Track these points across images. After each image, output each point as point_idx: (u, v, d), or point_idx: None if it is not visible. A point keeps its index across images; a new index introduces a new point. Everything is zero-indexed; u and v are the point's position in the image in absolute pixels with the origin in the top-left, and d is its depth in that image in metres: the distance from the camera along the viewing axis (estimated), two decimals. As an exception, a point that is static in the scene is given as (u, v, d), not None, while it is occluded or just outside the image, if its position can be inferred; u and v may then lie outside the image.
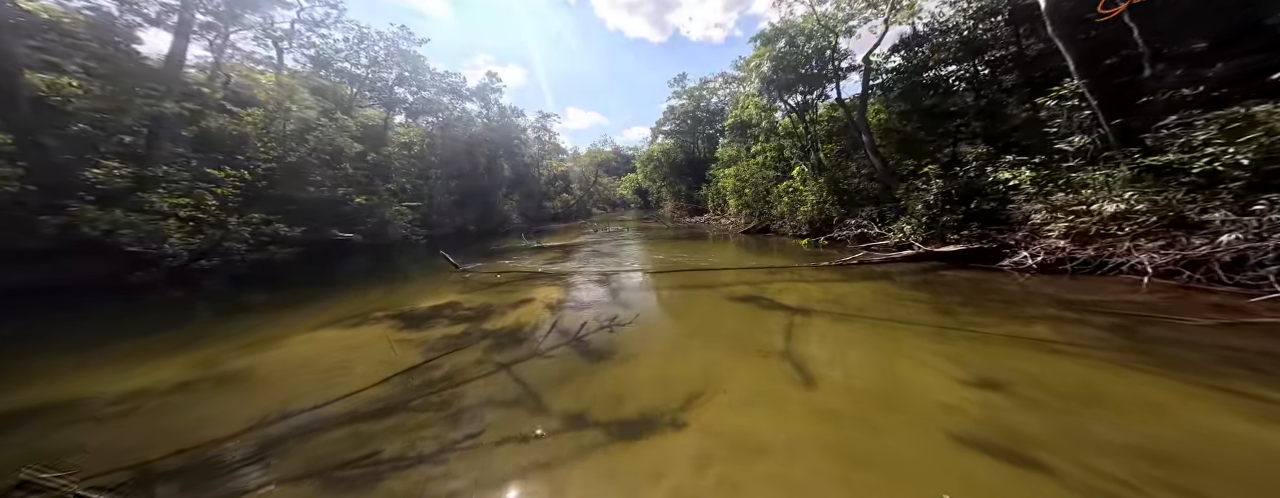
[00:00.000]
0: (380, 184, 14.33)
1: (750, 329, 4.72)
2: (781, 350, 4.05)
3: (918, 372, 3.39)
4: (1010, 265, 6.24)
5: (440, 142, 19.77)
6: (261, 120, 8.86)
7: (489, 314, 5.66)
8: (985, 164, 7.86)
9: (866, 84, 13.25)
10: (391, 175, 15.19)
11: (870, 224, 10.27)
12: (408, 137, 18.47)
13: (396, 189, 15.01)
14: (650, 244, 14.63)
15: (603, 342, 4.44)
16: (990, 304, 4.86)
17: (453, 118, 21.43)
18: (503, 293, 6.95)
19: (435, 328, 5.11)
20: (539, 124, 34.44)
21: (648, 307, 5.78)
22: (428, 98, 19.39)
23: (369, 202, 12.15)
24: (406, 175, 16.46)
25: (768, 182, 17.41)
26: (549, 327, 4.62)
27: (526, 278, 8.18)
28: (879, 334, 4.24)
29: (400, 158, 16.39)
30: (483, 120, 25.06)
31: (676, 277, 7.73)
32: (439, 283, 8.02)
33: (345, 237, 10.96)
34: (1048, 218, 6.19)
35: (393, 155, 15.65)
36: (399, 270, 10.18)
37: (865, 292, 5.93)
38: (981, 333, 3.99)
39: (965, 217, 7.56)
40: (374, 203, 12.42)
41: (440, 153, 19.69)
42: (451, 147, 20.74)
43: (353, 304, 6.31)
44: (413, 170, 16.95)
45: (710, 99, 34.16)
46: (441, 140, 19.89)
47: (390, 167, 15.04)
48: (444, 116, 20.85)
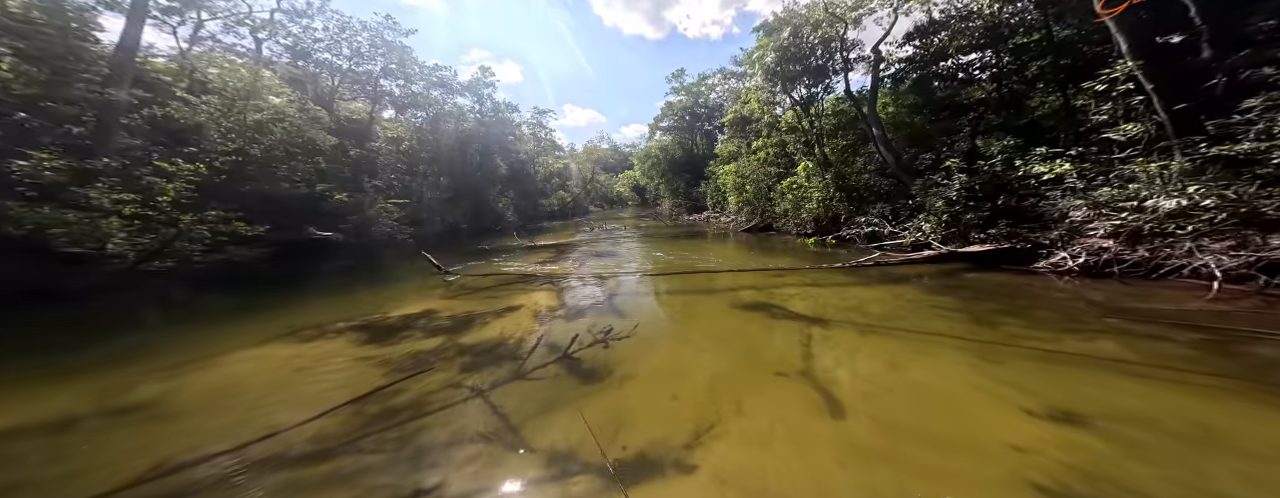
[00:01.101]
0: (366, 181, 13.60)
1: (762, 343, 4.12)
2: (801, 370, 3.46)
3: (972, 400, 2.79)
4: (1046, 267, 5.67)
5: (430, 137, 18.98)
6: (218, 109, 8.07)
7: (469, 325, 5.03)
8: (1012, 157, 7.25)
9: (876, 75, 12.63)
10: (378, 172, 14.43)
11: (881, 223, 9.67)
12: (396, 132, 17.66)
13: (383, 186, 14.27)
14: (648, 243, 14.00)
15: (596, 359, 3.83)
16: (1038, 313, 4.27)
17: (443, 113, 20.61)
18: (488, 299, 6.31)
19: (404, 342, 4.47)
20: (535, 120, 33.64)
21: (646, 315, 5.17)
22: (416, 92, 18.57)
23: (351, 199, 11.42)
24: (394, 172, 15.70)
25: (769, 178, 16.81)
26: (536, 341, 4.02)
27: (515, 281, 7.53)
28: (914, 350, 3.64)
29: (388, 154, 15.62)
30: (475, 116, 24.24)
31: (677, 279, 7.11)
32: (418, 287, 7.36)
33: (324, 236, 10.25)
34: (1090, 215, 5.59)
35: (380, 151, 14.87)
36: (378, 272, 9.48)
37: (887, 298, 5.33)
38: (1038, 350, 3.40)
39: (991, 214, 6.96)
40: (356, 200, 11.70)
41: (431, 149, 18.90)
42: (442, 142, 19.96)
43: (316, 312, 5.65)
44: (401, 167, 16.18)
45: (708, 95, 33.58)
46: (432, 136, 19.09)
47: (376, 162, 14.28)
48: (434, 111, 20.03)
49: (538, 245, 13.74)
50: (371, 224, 12.33)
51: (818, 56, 14.58)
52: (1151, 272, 4.83)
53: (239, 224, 7.35)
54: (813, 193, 12.86)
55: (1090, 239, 5.50)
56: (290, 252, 9.66)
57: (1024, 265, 5.96)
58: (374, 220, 12.43)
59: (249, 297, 6.82)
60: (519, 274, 8.06)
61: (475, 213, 21.00)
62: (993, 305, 4.63)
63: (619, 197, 52.73)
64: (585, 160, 49.03)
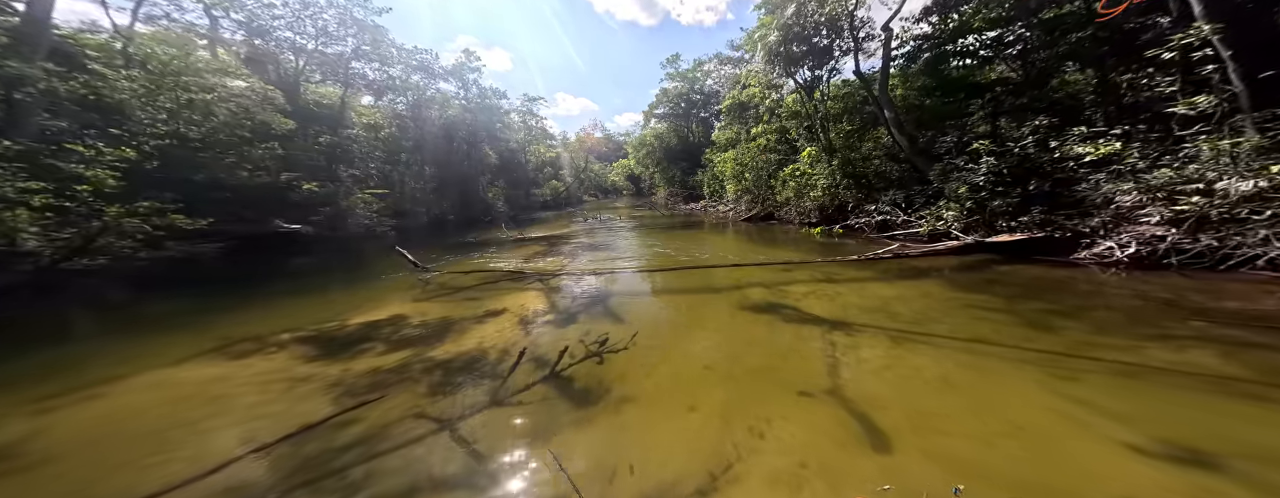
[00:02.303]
0: (341, 170, 12.58)
1: (778, 353, 3.52)
2: (828, 388, 2.87)
3: (1053, 431, 2.23)
4: (1089, 258, 5.10)
5: (412, 124, 17.70)
6: (144, 86, 6.96)
7: (443, 334, 4.35)
8: (1046, 138, 6.59)
9: (887, 55, 11.77)
10: (354, 160, 13.35)
11: (894, 211, 9.06)
12: (374, 118, 16.37)
13: (361, 175, 13.25)
14: (645, 234, 13.29)
15: (589, 377, 3.21)
16: (1099, 315, 3.71)
17: (425, 99, 19.25)
18: (468, 301, 5.61)
19: (362, 357, 3.79)
20: (525, 108, 32.17)
21: (645, 320, 4.53)
22: (394, 76, 17.19)
23: (322, 189, 10.47)
24: (373, 161, 14.61)
25: (770, 166, 16.09)
26: (519, 354, 3.40)
27: (501, 279, 6.81)
28: (962, 363, 3.06)
29: (365, 141, 14.48)
30: (460, 102, 22.85)
31: (677, 276, 6.46)
32: (389, 287, 6.60)
33: (292, 229, 9.37)
34: (1143, 200, 5.00)
35: (355, 138, 13.74)
36: (349, 270, 8.67)
37: (913, 296, 4.74)
38: (1118, 363, 2.83)
39: (1022, 200, 6.35)
40: (328, 191, 10.75)
41: (413, 136, 17.68)
42: (426, 130, 18.72)
43: (265, 318, 4.92)
44: (380, 155, 15.07)
45: (705, 81, 32.45)
46: (413, 123, 17.81)
47: (351, 150, 13.19)
48: (415, 97, 18.66)
49: (527, 238, 12.95)
50: (347, 216, 11.42)
51: (823, 36, 13.62)
52: (1218, 263, 4.28)
53: (177, 217, 6.45)
54: (817, 180, 12.19)
55: (1142, 227, 4.93)
56: (253, 246, 8.81)
57: (1061, 257, 5.41)
58: (350, 212, 11.52)
59: (197, 299, 6.04)
60: (505, 271, 7.32)
61: (463, 203, 20.01)
62: (1041, 305, 4.06)
63: (613, 186, 51.69)
64: (578, 149, 47.57)
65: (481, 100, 24.46)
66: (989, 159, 6.77)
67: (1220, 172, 4.44)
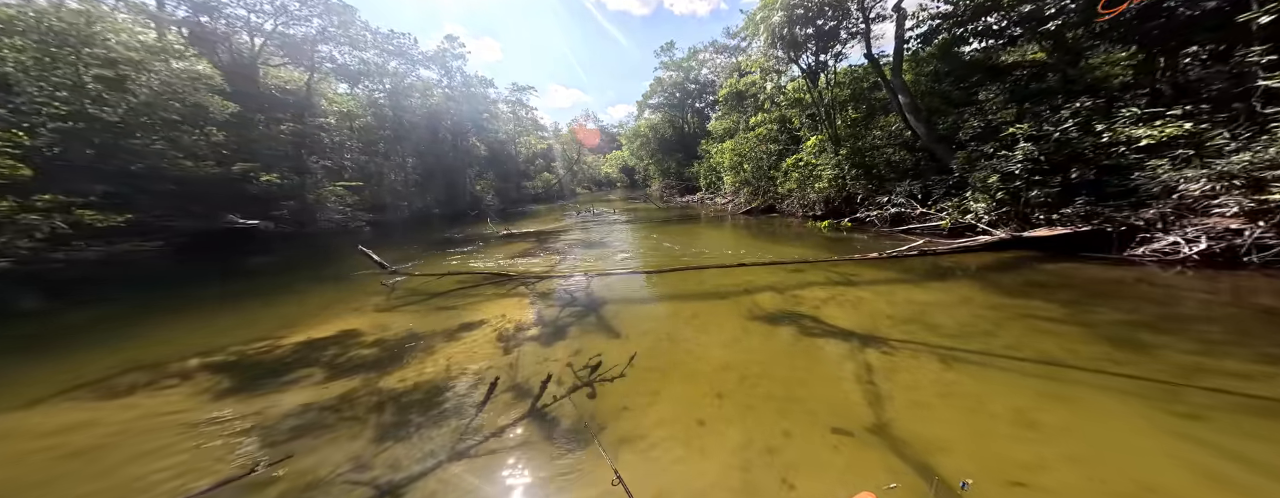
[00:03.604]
0: (311, 160, 11.56)
1: (802, 377, 2.87)
2: (870, 424, 2.27)
3: (1200, 494, 1.56)
4: (1149, 254, 4.47)
5: (391, 113, 16.51)
6: (31, 57, 5.80)
7: (402, 356, 3.62)
8: (1090, 120, 5.86)
9: (900, 36, 10.93)
10: (324, 150, 12.29)
11: (909, 202, 8.38)
12: (348, 106, 15.16)
13: (334, 167, 12.23)
14: (641, 229, 12.52)
15: (578, 413, 2.56)
16: (1198, 328, 3.07)
17: (404, 86, 17.99)
18: (439, 311, 4.85)
19: (294, 389, 3.06)
20: (513, 98, 30.84)
21: (644, 334, 3.82)
22: (368, 60, 15.92)
23: (285, 181, 9.51)
24: (348, 151, 13.54)
25: (770, 157, 15.31)
26: (491, 386, 2.70)
27: (481, 283, 6.02)
28: (1040, 393, 2.42)
29: (337, 131, 13.37)
30: (443, 90, 21.57)
31: (678, 279, 5.74)
32: (349, 293, 5.79)
33: (250, 224, 8.45)
34: (1215, 188, 4.32)
35: (327, 127, 12.63)
36: (310, 270, 7.80)
37: (950, 301, 4.08)
38: (1249, 397, 2.17)
39: (1063, 190, 5.67)
40: (293, 183, 9.78)
41: (392, 126, 16.53)
42: (406, 119, 17.55)
43: (183, 334, 4.13)
44: (355, 145, 13.98)
45: (700, 70, 31.43)
46: (392, 112, 16.62)
47: (321, 140, 12.12)
48: (394, 84, 17.39)
49: (516, 233, 12.12)
50: (317, 210, 10.48)
51: (829, 17, 12.70)
52: None
53: (86, 212, 5.52)
54: (823, 171, 11.46)
55: (1213, 220, 4.28)
56: (205, 244, 7.91)
57: (1113, 253, 4.77)
58: (320, 206, 10.57)
59: (119, 306, 5.21)
60: (487, 273, 6.52)
61: (449, 197, 19.04)
62: (1114, 314, 3.42)
63: (607, 178, 50.64)
64: (570, 141, 46.23)
65: (467, 89, 23.20)
66: (1026, 145, 6.05)
67: None
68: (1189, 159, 4.72)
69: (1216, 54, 5.72)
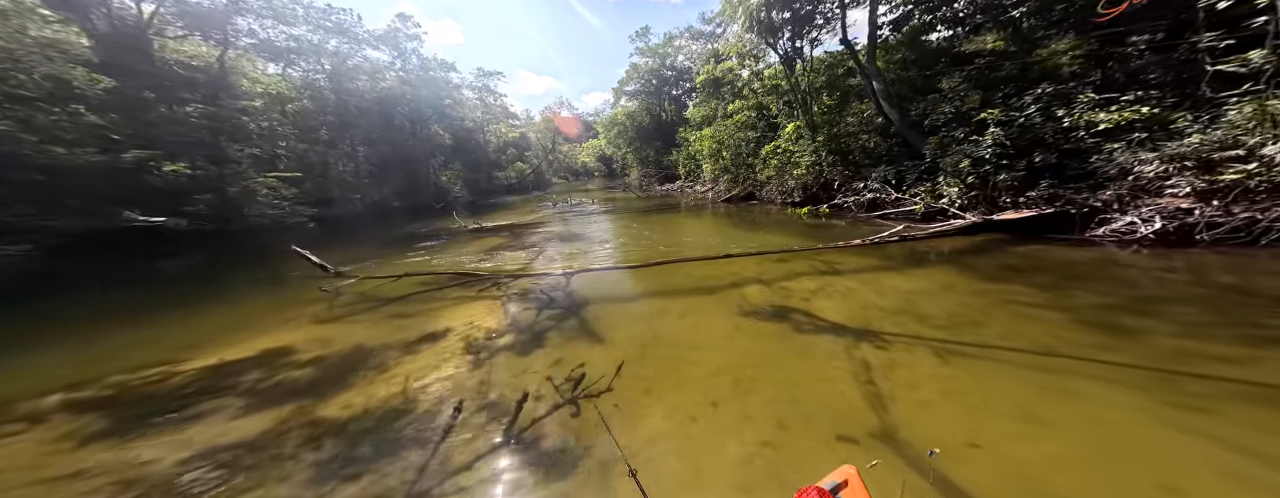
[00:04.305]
0: (234, 149, 9.99)
1: (799, 378, 2.69)
2: (875, 430, 2.12)
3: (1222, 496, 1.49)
4: (1108, 235, 4.66)
5: (333, 97, 14.60)
6: None
7: (347, 376, 3.08)
8: (1050, 105, 6.04)
9: (873, 21, 10.88)
10: (250, 137, 10.63)
11: (884, 188, 8.49)
12: (278, 88, 13.16)
13: (265, 156, 10.67)
14: (621, 220, 12.08)
15: (560, 435, 2.24)
16: (1173, 310, 3.14)
17: (348, 67, 15.93)
18: (393, 320, 4.25)
19: (197, 426, 2.48)
20: (479, 83, 28.70)
21: (631, 337, 3.50)
22: (300, 38, 13.84)
23: (198, 171, 8.12)
24: (283, 138, 11.85)
25: (748, 144, 15.22)
26: (459, 406, 2.27)
27: (447, 284, 5.38)
28: (1041, 387, 2.36)
29: (266, 115, 11.60)
30: (396, 73, 19.49)
31: (664, 273, 5.42)
32: (281, 302, 5.00)
33: (154, 222, 7.16)
34: (1168, 170, 4.52)
35: (252, 111, 10.88)
36: (230, 276, 6.73)
37: (934, 289, 4.05)
38: (1248, 384, 2.18)
39: (1028, 174, 5.84)
40: (208, 174, 8.39)
41: (336, 111, 14.68)
42: (353, 104, 15.68)
43: (38, 365, 3.29)
44: (290, 132, 12.26)
45: (676, 57, 30.72)
46: (335, 95, 14.70)
47: (244, 125, 10.43)
48: (335, 65, 15.31)
49: (486, 227, 11.29)
50: (243, 205, 9.10)
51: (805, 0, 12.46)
52: (1256, 238, 3.90)
53: None
54: (801, 158, 11.46)
55: (1166, 200, 4.49)
56: (92, 246, 6.61)
57: (1075, 234, 4.96)
58: (248, 200, 9.18)
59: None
60: (453, 273, 5.86)
61: (410, 188, 17.52)
62: (1092, 297, 3.47)
63: (584, 167, 49.25)
64: (544, 129, 44.17)
65: (424, 73, 21.15)
66: (996, 130, 6.16)
67: (1264, 137, 4.00)
68: (1143, 142, 4.94)
69: (1161, 42, 6.04)
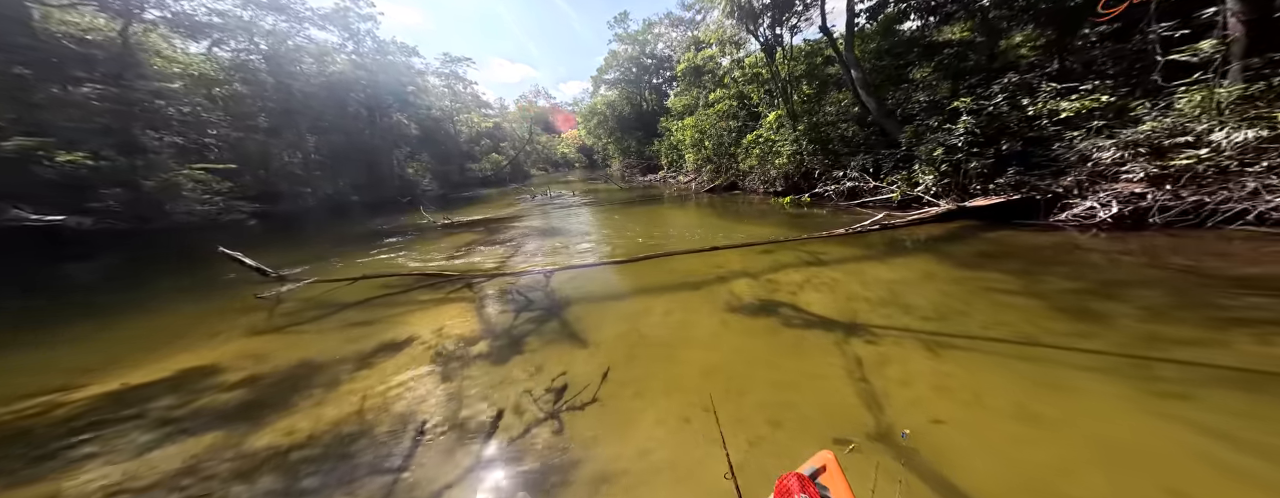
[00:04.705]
0: (150, 136, 8.66)
1: (793, 378, 2.58)
2: (872, 431, 2.05)
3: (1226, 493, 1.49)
4: (1071, 220, 4.87)
5: (272, 80, 12.95)
6: None
7: (290, 397, 2.69)
8: (1016, 95, 6.21)
9: (851, 9, 10.84)
10: (170, 123, 9.20)
11: (862, 176, 8.62)
12: (201, 69, 11.42)
13: (189, 145, 9.36)
14: (602, 212, 11.72)
15: (542, 456, 2.01)
16: (1138, 293, 3.26)
17: (289, 49, 14.11)
18: (348, 329, 3.81)
19: (91, 466, 2.05)
20: (446, 70, 26.80)
21: (617, 340, 3.28)
22: (226, 12, 12.04)
23: (104, 162, 6.99)
24: (212, 125, 10.42)
25: (730, 133, 15.12)
26: (422, 427, 1.98)
27: (412, 287, 4.88)
28: (1031, 380, 2.36)
29: (188, 99, 10.06)
30: (348, 57, 17.68)
31: (649, 269, 5.21)
32: (211, 311, 4.35)
33: (50, 221, 6.11)
34: (1123, 156, 4.74)
35: (169, 94, 9.39)
36: (146, 283, 5.80)
37: (916, 279, 4.09)
38: (1220, 368, 2.26)
39: (996, 162, 6.02)
40: (118, 165, 7.25)
41: (279, 96, 13.11)
42: (298, 88, 14.06)
43: None
44: (221, 119, 10.80)
45: (656, 44, 29.91)
46: (273, 78, 13.04)
47: (161, 110, 8.97)
48: (273, 45, 13.50)
49: (458, 223, 10.62)
50: (165, 200, 7.96)
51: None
52: (1203, 220, 4.16)
53: None
54: (782, 147, 11.47)
55: (1120, 185, 4.72)
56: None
57: (1040, 219, 5.17)
58: (169, 195, 8.03)
59: None
60: (419, 274, 5.37)
61: (372, 181, 16.18)
62: (1063, 282, 3.58)
63: (564, 158, 47.84)
64: (520, 119, 42.24)
65: (382, 56, 19.36)
66: (968, 119, 6.29)
67: (1211, 124, 4.24)
68: (1100, 130, 5.17)
69: (1113, 33, 6.32)
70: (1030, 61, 7.49)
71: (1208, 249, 3.85)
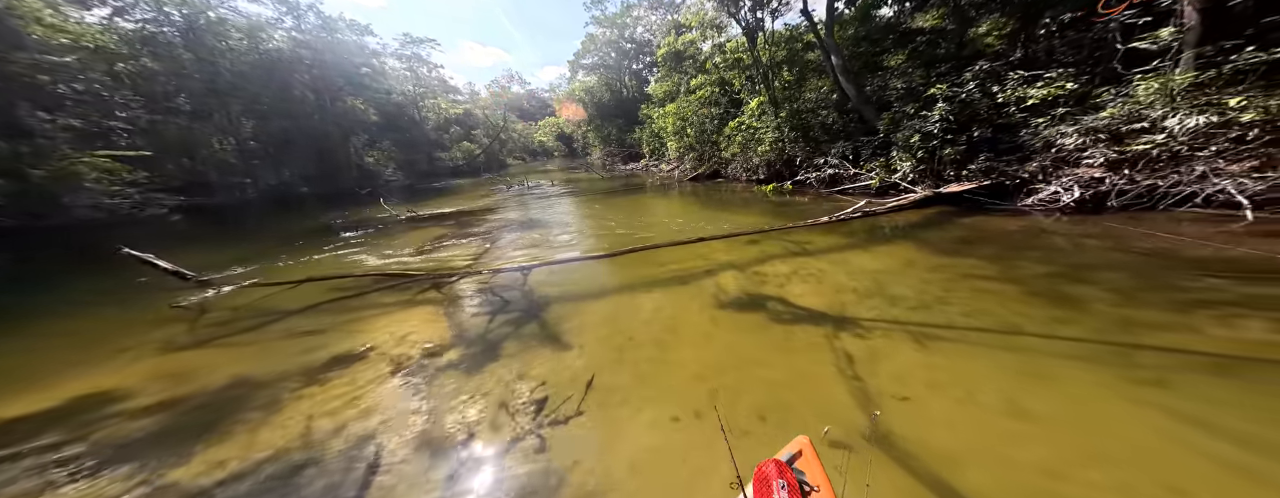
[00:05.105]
0: (38, 118, 7.29)
1: (784, 377, 2.49)
2: (866, 431, 1.98)
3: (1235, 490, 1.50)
4: (1036, 204, 5.05)
5: (189, 55, 11.11)
6: None
7: (218, 421, 2.33)
8: (985, 83, 6.32)
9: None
10: (62, 104, 7.72)
11: (842, 164, 8.68)
12: (101, 41, 9.54)
13: (89, 128, 8.00)
14: (583, 203, 11.29)
15: (523, 481, 1.81)
16: (1105, 277, 3.37)
17: (210, 21, 12.10)
18: (290, 340, 3.36)
19: None
20: (408, 52, 24.62)
21: (601, 342, 3.07)
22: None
23: None
24: (119, 107, 8.90)
25: (712, 120, 14.89)
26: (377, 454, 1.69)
27: (367, 291, 4.38)
28: (1017, 372, 2.37)
29: (85, 75, 8.44)
30: (287, 33, 15.68)
31: (632, 263, 4.98)
32: (118, 324, 3.71)
33: None
34: (1084, 142, 4.91)
35: (59, 68, 7.80)
36: (42, 289, 4.93)
37: (898, 267, 4.11)
38: (1193, 354, 2.33)
39: (968, 148, 6.15)
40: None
41: (204, 75, 11.40)
42: (225, 66, 12.26)
43: None
44: (130, 99, 9.23)
45: (635, 28, 28.72)
46: (192, 53, 11.22)
47: (49, 88, 7.40)
48: (189, 16, 11.51)
49: (424, 216, 9.89)
50: (63, 192, 6.80)
51: (764, -37, 11.89)
52: (1155, 203, 4.39)
53: None
54: (764, 134, 11.37)
55: (1081, 170, 4.91)
56: None
57: (1008, 203, 5.34)
58: (67, 186, 6.85)
59: None
60: (377, 274, 4.87)
61: (324, 171, 14.74)
62: (1038, 268, 3.67)
63: (542, 147, 46.05)
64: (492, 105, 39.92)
65: (329, 34, 17.36)
66: (943, 105, 6.36)
67: (1165, 110, 4.43)
68: (1063, 117, 5.34)
69: (1073, 22, 6.50)
70: (996, 50, 7.64)
71: (1163, 230, 4.07)
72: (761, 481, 1.11)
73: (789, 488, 1.06)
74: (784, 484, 1.07)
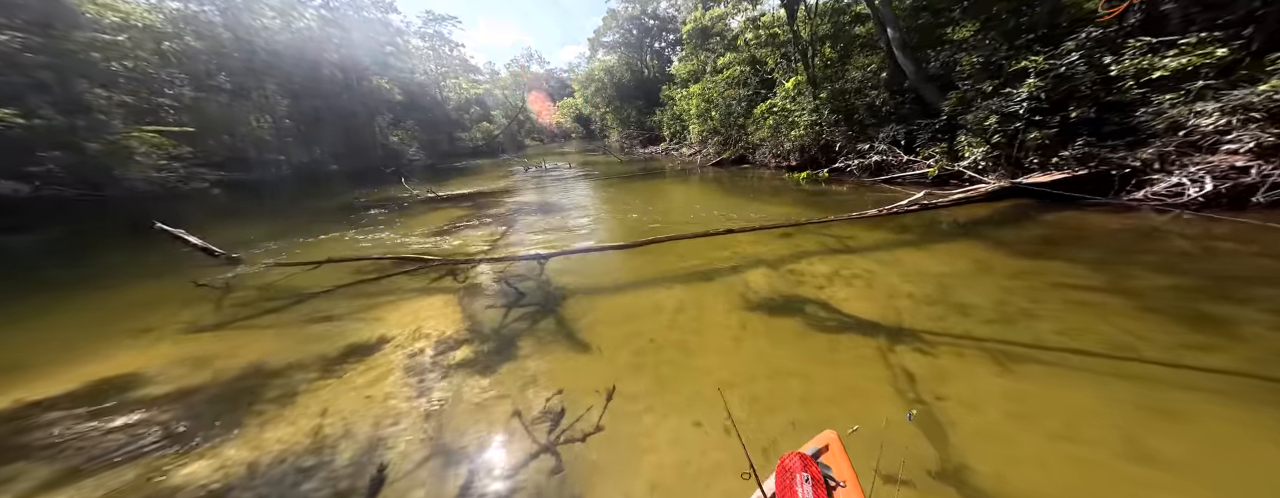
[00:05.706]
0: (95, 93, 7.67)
1: (829, 394, 2.11)
2: (934, 470, 1.62)
3: None
4: (1149, 198, 4.18)
5: (229, 35, 11.41)
6: None
7: (228, 413, 2.25)
8: (1094, 52, 5.19)
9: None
10: (115, 81, 8.10)
11: (892, 149, 7.73)
12: (148, 20, 9.91)
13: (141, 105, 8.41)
14: (601, 188, 10.92)
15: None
16: (1265, 292, 2.67)
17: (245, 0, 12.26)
18: (309, 326, 3.31)
19: None
20: (429, 30, 24.43)
21: (622, 344, 2.79)
22: None
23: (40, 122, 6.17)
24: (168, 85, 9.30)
25: (740, 102, 13.83)
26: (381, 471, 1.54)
27: (386, 274, 4.28)
28: (1146, 408, 1.89)
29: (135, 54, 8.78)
30: (317, 11, 15.70)
31: (653, 255, 4.60)
32: (147, 300, 3.80)
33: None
34: (1229, 122, 3.92)
35: (111, 47, 8.14)
36: (88, 260, 5.26)
37: (968, 270, 3.52)
38: None
39: (1062, 132, 5.17)
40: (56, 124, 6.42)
41: (242, 53, 11.70)
42: (261, 46, 12.52)
43: None
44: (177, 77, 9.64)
45: (659, 2, 26.82)
46: (231, 33, 11.49)
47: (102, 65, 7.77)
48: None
49: (444, 196, 9.87)
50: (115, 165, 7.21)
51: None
52: None
53: None
54: (800, 117, 10.38)
55: (1218, 157, 3.97)
56: None
57: (1110, 197, 4.46)
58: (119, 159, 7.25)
59: None
60: (395, 258, 4.77)
61: (351, 149, 15.10)
62: (1155, 278, 2.99)
63: (560, 128, 45.61)
64: (512, 85, 39.51)
65: (356, 12, 17.35)
66: (1034, 81, 5.31)
67: None
68: (1201, 91, 4.29)
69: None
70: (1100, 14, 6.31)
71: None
72: (784, 472, 1.06)
73: (814, 482, 1.01)
74: (808, 478, 1.02)
